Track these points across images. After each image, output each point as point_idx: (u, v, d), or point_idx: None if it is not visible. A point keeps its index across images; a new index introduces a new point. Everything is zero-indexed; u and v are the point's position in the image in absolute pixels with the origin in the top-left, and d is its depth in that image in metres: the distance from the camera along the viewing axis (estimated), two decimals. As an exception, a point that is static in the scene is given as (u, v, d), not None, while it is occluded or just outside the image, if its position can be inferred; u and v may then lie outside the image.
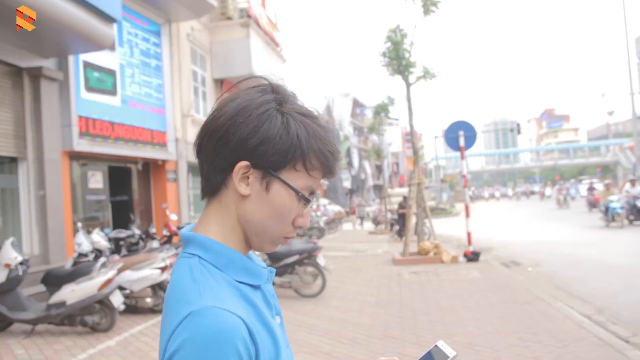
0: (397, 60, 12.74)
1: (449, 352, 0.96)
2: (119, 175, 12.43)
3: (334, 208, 26.66)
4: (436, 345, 0.99)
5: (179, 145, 13.42)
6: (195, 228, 0.94)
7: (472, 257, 11.14)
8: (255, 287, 0.92)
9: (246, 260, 0.92)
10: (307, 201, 0.92)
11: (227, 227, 0.92)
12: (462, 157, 12.20)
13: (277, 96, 0.92)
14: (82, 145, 9.72)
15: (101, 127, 10.38)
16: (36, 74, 8.64)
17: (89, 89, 10.16)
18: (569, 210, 28.66)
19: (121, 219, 11.82)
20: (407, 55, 12.72)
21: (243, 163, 0.88)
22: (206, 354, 0.74)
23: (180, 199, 13.70)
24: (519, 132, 28.64)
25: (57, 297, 6.17)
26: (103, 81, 10.63)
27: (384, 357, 1.04)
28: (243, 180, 0.89)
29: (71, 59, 9.55)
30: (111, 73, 10.92)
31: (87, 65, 10.12)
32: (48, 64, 8.94)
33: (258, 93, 0.91)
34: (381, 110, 24.81)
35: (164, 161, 13.04)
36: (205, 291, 0.81)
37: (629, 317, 6.21)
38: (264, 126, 0.87)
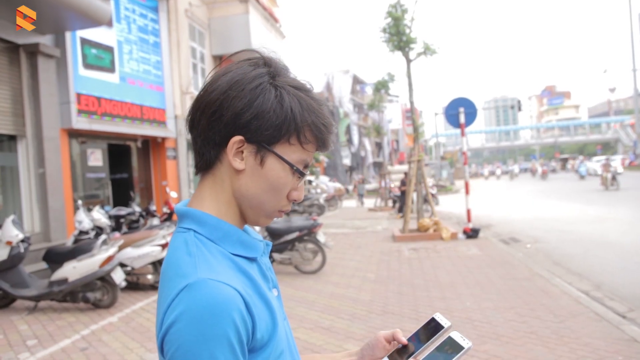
0: (398, 36, 12.62)
1: (445, 323, 1.00)
2: (119, 152, 12.42)
3: (335, 185, 26.72)
4: (433, 318, 1.03)
5: (178, 123, 13.37)
6: (190, 203, 0.94)
7: (472, 233, 11.18)
8: (251, 260, 0.92)
9: (241, 233, 0.92)
10: (301, 175, 0.92)
11: (222, 202, 0.92)
12: (462, 134, 12.16)
13: (270, 69, 0.91)
14: (81, 122, 9.68)
15: (100, 105, 10.33)
16: (33, 51, 8.57)
17: (87, 65, 10.08)
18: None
19: (121, 196, 11.85)
20: (407, 31, 12.59)
21: (237, 138, 0.87)
22: (203, 325, 0.74)
23: (180, 177, 13.71)
24: (519, 109, 28.39)
25: (59, 274, 6.22)
26: (101, 58, 10.54)
27: (384, 331, 1.05)
28: (237, 154, 0.89)
29: (68, 35, 9.45)
30: (109, 50, 10.83)
31: (85, 42, 10.03)
32: (45, 41, 8.85)
33: (250, 67, 0.90)
34: (381, 87, 24.63)
35: (163, 139, 13.01)
36: (200, 264, 0.82)
37: (626, 293, 6.26)
38: (258, 100, 0.86)
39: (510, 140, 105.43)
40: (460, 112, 11.78)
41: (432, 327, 1.01)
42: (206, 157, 0.91)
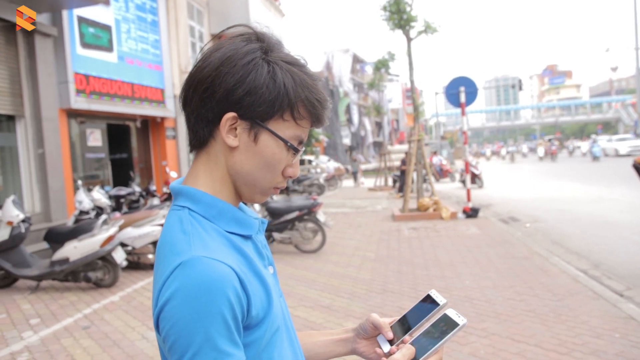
0: (398, 14, 12.49)
1: (440, 299, 1.01)
2: (118, 132, 12.38)
3: (334, 164, 26.68)
4: (429, 294, 1.04)
5: (177, 102, 13.29)
6: (185, 181, 0.94)
7: (471, 213, 11.21)
8: (246, 237, 0.92)
9: (236, 211, 0.91)
10: (296, 151, 0.91)
11: (217, 179, 0.91)
12: (463, 113, 12.11)
13: (262, 45, 0.89)
14: (79, 102, 9.64)
15: (98, 84, 10.27)
16: (30, 30, 8.48)
17: (85, 45, 9.99)
18: None
19: (121, 176, 11.85)
20: (408, 8, 12.47)
21: (230, 114, 0.86)
22: (197, 302, 0.75)
23: (179, 156, 13.70)
24: (520, 88, 28.28)
25: (60, 253, 6.25)
26: (98, 37, 10.44)
27: (375, 317, 1.05)
28: (231, 131, 0.88)
29: (65, 14, 9.35)
30: (106, 28, 10.72)
31: (82, 21, 9.92)
32: (42, 19, 8.77)
33: (242, 42, 0.89)
34: (381, 66, 24.50)
35: (162, 118, 12.97)
36: (195, 242, 0.81)
37: (623, 272, 6.30)
38: (250, 76, 0.85)
39: (510, 120, 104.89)
40: (460, 92, 11.71)
41: (428, 304, 1.02)
42: (200, 135, 0.90)
